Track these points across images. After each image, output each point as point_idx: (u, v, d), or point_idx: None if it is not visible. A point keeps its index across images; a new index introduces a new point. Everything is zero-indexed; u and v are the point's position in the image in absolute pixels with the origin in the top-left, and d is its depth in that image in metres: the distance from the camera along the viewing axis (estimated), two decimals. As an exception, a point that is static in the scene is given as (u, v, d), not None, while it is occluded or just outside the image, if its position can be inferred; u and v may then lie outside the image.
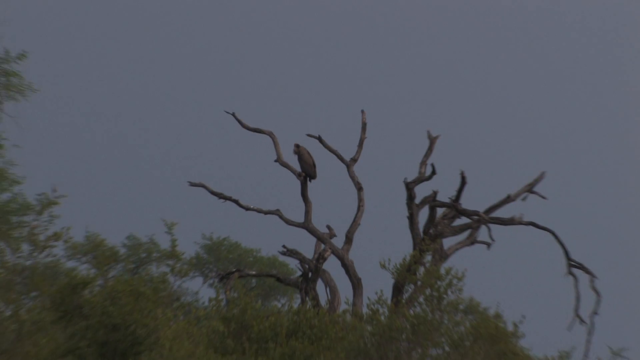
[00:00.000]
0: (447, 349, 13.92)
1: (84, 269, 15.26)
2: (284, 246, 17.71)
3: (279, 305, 25.63)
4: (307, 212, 17.68)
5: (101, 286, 10.56)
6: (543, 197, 17.89)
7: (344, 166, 17.95)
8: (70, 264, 15.64)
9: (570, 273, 17.41)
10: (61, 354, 8.46)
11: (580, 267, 17.39)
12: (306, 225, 17.61)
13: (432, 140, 17.73)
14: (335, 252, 17.32)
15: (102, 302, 8.64)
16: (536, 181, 17.86)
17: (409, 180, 17.41)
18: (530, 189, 17.78)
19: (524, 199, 17.74)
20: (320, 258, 17.38)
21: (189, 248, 23.22)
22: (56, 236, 11.49)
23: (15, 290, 10.30)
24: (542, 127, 59.33)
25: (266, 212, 17.85)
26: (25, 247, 11.41)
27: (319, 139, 17.71)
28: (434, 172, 17.36)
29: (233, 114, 18.00)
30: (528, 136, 57.82)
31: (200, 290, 24.76)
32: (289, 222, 17.71)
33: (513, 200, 17.60)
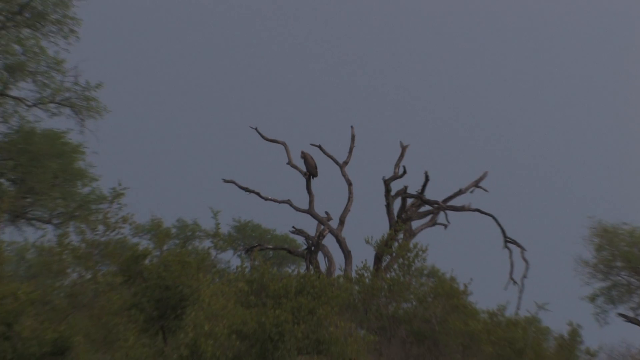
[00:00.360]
0: (414, 303, 13.79)
1: (145, 244, 15.00)
2: (293, 227, 17.52)
3: (290, 270, 25.23)
4: (311, 202, 17.43)
5: (157, 257, 10.36)
6: (485, 190, 17.67)
7: (338, 167, 17.75)
8: (134, 240, 15.40)
9: (506, 247, 17.16)
10: (127, 307, 8.21)
11: (514, 242, 17.15)
12: (310, 211, 17.37)
13: (403, 149, 17.48)
14: (331, 231, 17.10)
15: (158, 269, 8.35)
16: (481, 178, 17.60)
17: (386, 178, 17.22)
18: (476, 184, 17.51)
19: (471, 192, 17.50)
20: (320, 236, 17.18)
21: (222, 228, 22.86)
22: (124, 219, 11.26)
23: (93, 259, 10.09)
24: (484, 135, 58.43)
25: (280, 202, 17.61)
26: (100, 228, 11.21)
27: (320, 147, 17.48)
28: (404, 172, 17.20)
29: (256, 129, 17.77)
30: (474, 142, 56.94)
31: (231, 259, 24.38)
32: (297, 209, 17.46)
33: (464, 192, 17.30)
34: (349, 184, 17.47)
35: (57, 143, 16.30)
